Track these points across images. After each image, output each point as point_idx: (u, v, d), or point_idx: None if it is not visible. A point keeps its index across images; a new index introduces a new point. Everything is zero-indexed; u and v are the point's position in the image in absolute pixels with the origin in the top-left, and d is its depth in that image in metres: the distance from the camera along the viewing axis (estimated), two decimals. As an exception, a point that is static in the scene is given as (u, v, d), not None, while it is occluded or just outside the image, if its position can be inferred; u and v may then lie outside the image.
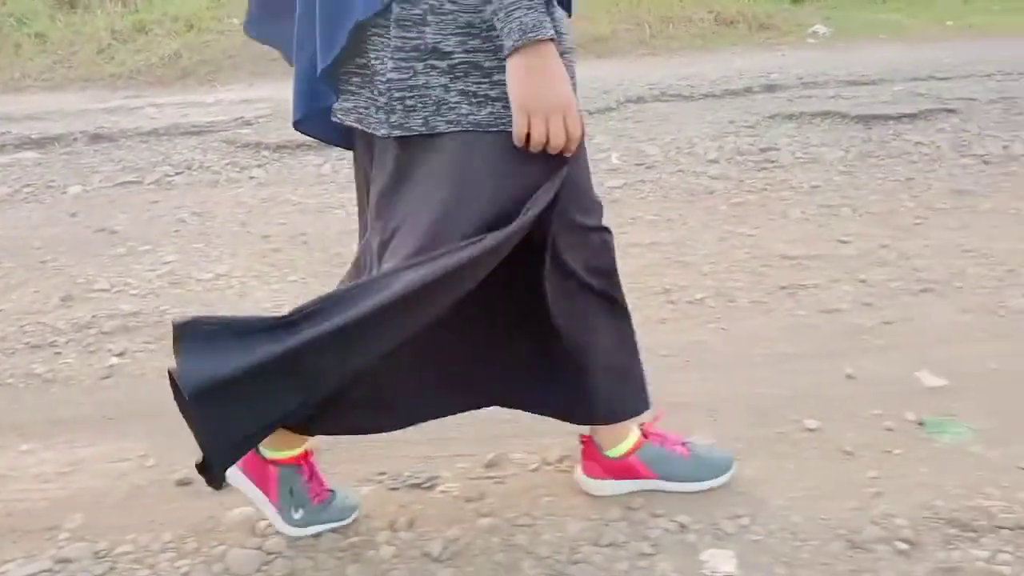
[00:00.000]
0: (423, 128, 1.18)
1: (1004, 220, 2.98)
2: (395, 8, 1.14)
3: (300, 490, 1.47)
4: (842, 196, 3.30)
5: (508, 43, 1.10)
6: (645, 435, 1.60)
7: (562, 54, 1.15)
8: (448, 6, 1.13)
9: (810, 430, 1.80)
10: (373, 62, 1.20)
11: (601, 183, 3.65)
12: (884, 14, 11.49)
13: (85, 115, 6.03)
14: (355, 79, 1.27)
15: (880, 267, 2.63)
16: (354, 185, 1.50)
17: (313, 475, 1.51)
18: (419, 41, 1.15)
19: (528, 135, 1.15)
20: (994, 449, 1.71)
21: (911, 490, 1.58)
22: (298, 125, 1.38)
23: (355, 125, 1.30)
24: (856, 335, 2.23)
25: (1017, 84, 4.99)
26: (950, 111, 4.26)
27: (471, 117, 1.18)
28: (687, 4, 10.31)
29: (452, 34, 1.14)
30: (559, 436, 1.74)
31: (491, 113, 1.18)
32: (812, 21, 10.21)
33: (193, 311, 2.58)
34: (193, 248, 3.19)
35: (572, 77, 1.20)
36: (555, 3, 1.16)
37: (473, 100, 1.17)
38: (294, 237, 3.26)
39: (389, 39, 1.16)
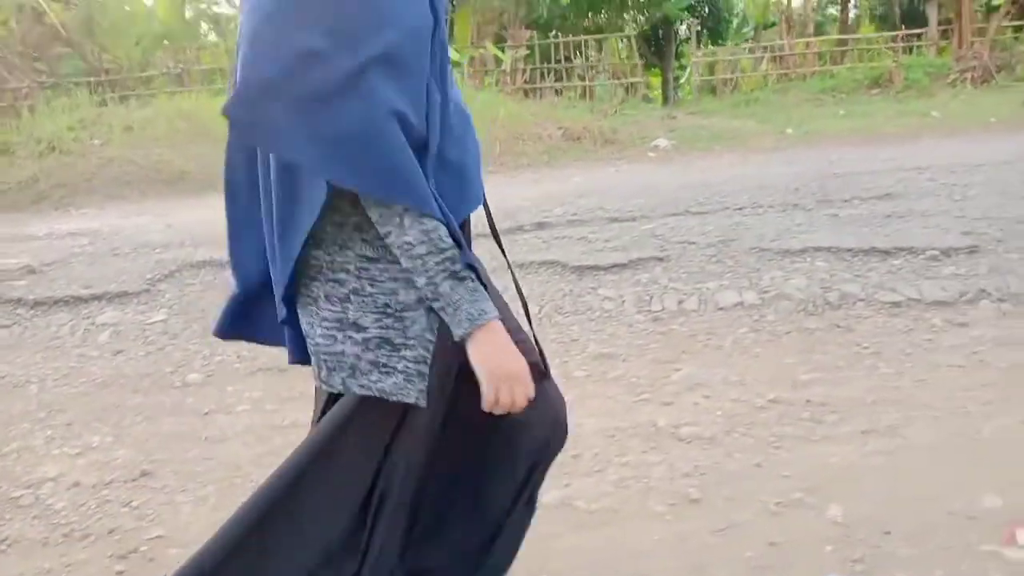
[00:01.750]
0: (341, 387, 1.35)
1: (618, 391, 3.19)
2: (325, 286, 1.31)
3: None
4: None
5: (458, 331, 1.25)
6: None
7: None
8: (369, 289, 1.30)
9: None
10: (305, 326, 1.38)
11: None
12: (740, 120, 12.13)
13: None
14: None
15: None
16: None
17: None
18: (343, 316, 1.31)
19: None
20: None
21: None
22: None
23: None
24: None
25: (757, 219, 5.33)
26: (660, 259, 4.54)
27: (378, 385, 1.32)
28: (539, 119, 10.80)
29: (370, 312, 1.30)
30: None
31: (395, 383, 1.32)
32: (657, 134, 10.74)
33: None
34: None
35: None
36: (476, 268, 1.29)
37: (381, 370, 1.32)
38: (-44, 422, 3.36)
39: (319, 310, 1.33)
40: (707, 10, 24.46)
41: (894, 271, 4.09)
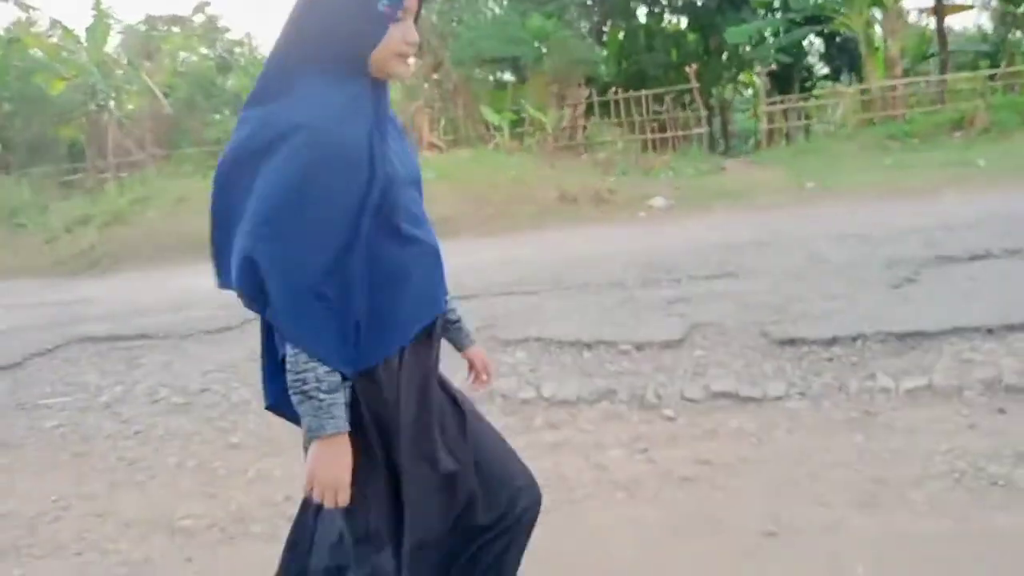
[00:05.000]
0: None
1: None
2: None
3: None
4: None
5: (305, 437, 1.55)
6: None
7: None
8: None
9: None
10: None
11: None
12: (759, 172, 11.59)
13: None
14: None
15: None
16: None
17: None
18: None
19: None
20: None
21: None
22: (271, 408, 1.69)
23: None
24: None
25: (560, 302, 5.26)
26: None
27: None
28: (535, 183, 10.93)
29: None
30: None
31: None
32: (656, 192, 10.52)
33: None
34: None
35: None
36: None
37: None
38: None
39: None
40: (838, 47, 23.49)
41: (568, 364, 3.98)
